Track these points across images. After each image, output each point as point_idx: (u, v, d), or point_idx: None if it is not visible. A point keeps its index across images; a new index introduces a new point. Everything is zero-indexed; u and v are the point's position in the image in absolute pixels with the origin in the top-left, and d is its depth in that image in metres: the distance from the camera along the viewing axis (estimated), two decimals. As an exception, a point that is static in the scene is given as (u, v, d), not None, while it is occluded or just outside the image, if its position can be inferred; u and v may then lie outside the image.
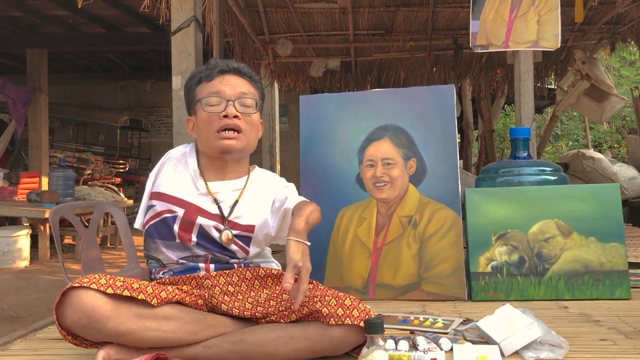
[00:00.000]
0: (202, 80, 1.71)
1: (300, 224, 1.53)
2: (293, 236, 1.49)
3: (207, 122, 1.67)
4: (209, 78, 1.70)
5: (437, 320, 1.83)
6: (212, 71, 1.70)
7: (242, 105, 1.68)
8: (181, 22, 3.52)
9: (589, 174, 5.28)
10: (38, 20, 7.11)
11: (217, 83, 1.69)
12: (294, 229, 1.51)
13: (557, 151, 11.38)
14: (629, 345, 1.57)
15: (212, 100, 1.67)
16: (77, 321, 1.35)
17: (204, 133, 1.69)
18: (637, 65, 11.42)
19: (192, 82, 1.74)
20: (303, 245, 1.49)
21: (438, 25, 5.17)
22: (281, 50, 5.27)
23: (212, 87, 1.69)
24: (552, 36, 2.77)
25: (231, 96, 1.67)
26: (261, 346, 1.48)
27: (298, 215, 1.56)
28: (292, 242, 1.48)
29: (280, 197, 1.72)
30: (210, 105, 1.67)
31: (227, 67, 1.71)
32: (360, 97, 2.52)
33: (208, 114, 1.67)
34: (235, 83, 1.70)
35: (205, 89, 1.69)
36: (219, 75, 1.69)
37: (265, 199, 1.73)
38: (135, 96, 10.38)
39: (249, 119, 1.70)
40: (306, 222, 1.55)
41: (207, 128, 1.67)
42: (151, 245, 1.69)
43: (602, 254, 2.17)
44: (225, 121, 1.65)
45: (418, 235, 2.29)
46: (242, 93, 1.69)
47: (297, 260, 1.44)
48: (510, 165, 2.50)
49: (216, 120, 1.66)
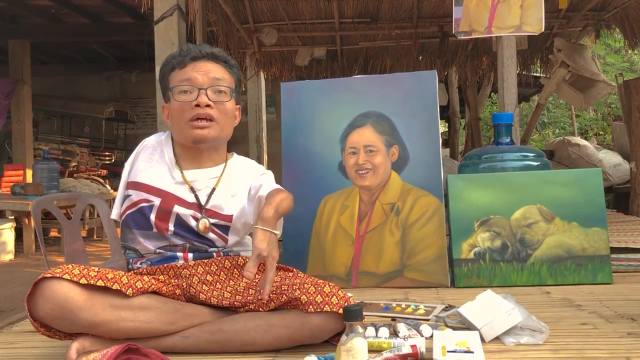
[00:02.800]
0: (174, 67, 1.67)
1: (269, 212, 1.48)
2: (260, 224, 1.45)
3: (179, 112, 1.64)
4: (181, 65, 1.65)
5: (419, 307, 1.83)
6: (185, 58, 1.65)
7: (215, 92, 1.64)
8: (164, 11, 3.47)
9: (574, 161, 5.29)
10: (20, 11, 7.00)
11: (189, 70, 1.64)
12: (262, 217, 1.47)
13: (543, 139, 11.42)
14: (609, 329, 1.58)
15: (184, 88, 1.63)
16: (50, 312, 1.32)
17: (176, 122, 1.66)
18: (622, 52, 11.46)
19: (165, 69, 1.70)
20: (270, 234, 1.44)
21: (424, 13, 5.15)
22: (266, 39, 5.22)
23: (184, 75, 1.64)
24: (536, 20, 2.75)
25: (203, 84, 1.63)
26: (240, 335, 1.47)
27: (267, 203, 1.52)
28: (259, 231, 1.44)
29: (256, 185, 1.69)
30: (182, 93, 1.63)
31: (199, 53, 1.66)
32: (342, 84, 2.50)
33: (180, 103, 1.63)
34: (208, 69, 1.65)
35: (178, 77, 1.65)
36: (191, 62, 1.64)
37: (243, 187, 1.70)
38: (120, 87, 10.27)
39: (222, 107, 1.65)
40: (275, 211, 1.50)
41: (180, 117, 1.64)
42: (128, 235, 1.67)
43: (585, 239, 2.17)
44: (197, 110, 1.61)
45: (401, 223, 2.28)
46: (215, 80, 1.64)
47: (261, 249, 1.40)
48: (493, 151, 2.49)
49: (188, 109, 1.62)
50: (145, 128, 10.06)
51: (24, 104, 7.78)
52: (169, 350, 1.45)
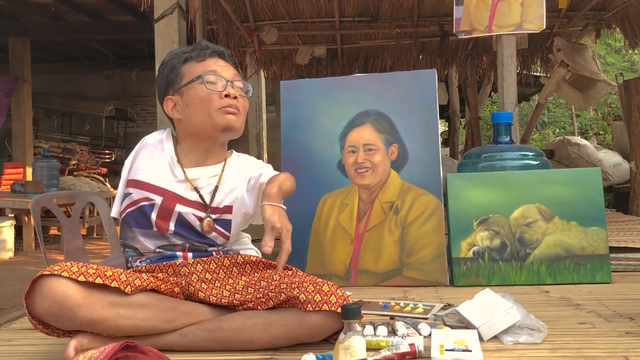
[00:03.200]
0: (190, 59, 1.67)
1: (273, 189, 1.54)
2: (266, 201, 1.50)
3: (207, 100, 1.63)
4: (201, 58, 1.67)
5: (417, 305, 1.83)
6: (205, 52, 1.68)
7: (237, 87, 1.68)
8: (164, 9, 3.47)
9: (574, 161, 5.29)
10: (20, 9, 7.00)
11: (211, 64, 1.66)
12: (267, 194, 1.52)
13: (544, 138, 11.42)
14: (607, 328, 1.57)
15: (212, 78, 1.64)
16: (48, 310, 1.32)
17: (200, 111, 1.64)
18: (623, 52, 11.46)
19: (175, 61, 1.68)
20: (279, 208, 1.49)
21: (424, 12, 5.14)
22: (266, 37, 5.22)
23: (207, 66, 1.66)
24: (537, 18, 2.75)
25: (228, 77, 1.67)
26: (238, 333, 1.46)
27: (270, 182, 1.58)
28: (267, 206, 1.48)
29: (255, 175, 1.71)
30: (210, 83, 1.64)
31: (219, 50, 1.71)
32: (342, 82, 2.50)
33: (209, 91, 1.63)
34: (227, 66, 1.70)
35: (199, 68, 1.66)
36: (212, 56, 1.68)
37: (242, 180, 1.72)
38: (120, 85, 10.27)
39: (243, 102, 1.69)
40: (279, 188, 1.56)
41: (206, 105, 1.63)
42: (128, 233, 1.66)
43: (584, 238, 2.17)
44: (227, 100, 1.63)
45: (400, 221, 2.28)
46: (235, 75, 1.70)
47: (273, 221, 1.44)
48: (492, 150, 2.48)
49: (217, 99, 1.63)
50: (145, 126, 10.06)
51: (24, 102, 7.79)
52: (167, 348, 1.45)
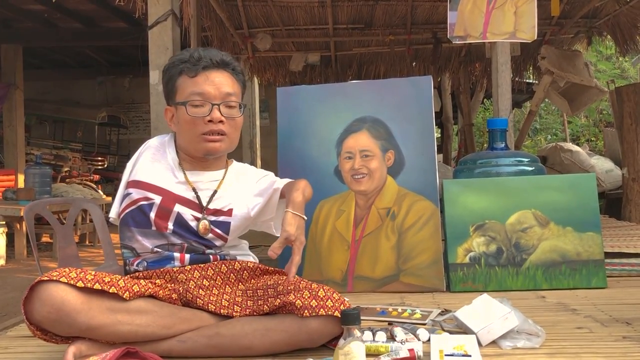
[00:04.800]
0: (183, 72, 1.64)
1: (298, 197, 1.58)
2: (291, 208, 1.54)
3: (191, 124, 1.62)
4: (193, 73, 1.62)
5: (415, 311, 1.83)
6: (197, 66, 1.62)
7: (226, 107, 1.63)
8: (158, 15, 3.46)
9: (567, 167, 5.32)
10: (12, 15, 6.97)
11: (201, 82, 1.61)
12: (292, 201, 1.56)
13: (536, 145, 11.49)
14: (604, 333, 1.59)
15: (197, 102, 1.61)
16: (47, 315, 1.32)
17: (186, 133, 1.65)
18: (613, 59, 11.56)
19: (173, 71, 1.66)
20: (300, 219, 1.54)
21: (417, 19, 5.17)
22: (260, 44, 5.23)
23: (196, 86, 1.62)
24: (529, 28, 2.78)
25: (216, 98, 1.62)
26: (237, 340, 1.46)
27: (295, 189, 1.61)
28: (289, 214, 1.53)
29: (265, 181, 1.75)
30: (195, 107, 1.62)
31: (210, 62, 1.63)
32: (338, 89, 2.50)
33: (192, 117, 1.61)
34: (220, 81, 1.63)
35: (189, 87, 1.62)
36: (203, 71, 1.62)
37: (244, 187, 1.73)
38: (113, 92, 10.25)
39: (232, 122, 1.65)
40: (303, 196, 1.60)
41: (191, 130, 1.63)
42: (126, 233, 1.66)
43: (579, 243, 2.18)
44: (210, 126, 1.61)
45: (396, 227, 2.29)
46: (227, 94, 1.64)
47: (290, 232, 1.49)
48: (488, 156, 2.50)
49: (200, 123, 1.61)
50: (138, 133, 10.04)
51: (16, 109, 7.75)
52: (166, 355, 1.44)
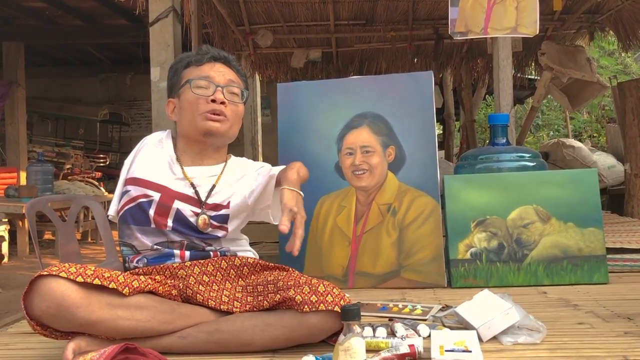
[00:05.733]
0: (190, 64, 1.73)
1: (293, 175, 1.60)
2: (286, 185, 1.56)
3: (194, 104, 1.68)
4: (199, 62, 1.72)
5: (416, 307, 1.82)
6: (204, 56, 1.72)
7: (229, 92, 1.71)
8: (159, 12, 3.47)
9: (569, 163, 5.31)
10: (14, 13, 6.97)
11: (207, 69, 1.71)
12: (287, 178, 1.58)
13: (538, 141, 11.46)
14: (605, 328, 1.58)
15: (202, 83, 1.69)
16: (46, 310, 1.32)
17: (188, 114, 1.69)
18: (616, 55, 11.52)
19: (179, 65, 1.75)
20: (297, 194, 1.55)
21: (419, 15, 5.16)
22: (262, 41, 5.22)
23: (202, 72, 1.70)
24: (531, 23, 2.76)
25: (220, 82, 1.70)
26: (237, 335, 1.46)
27: (289, 168, 1.63)
28: (286, 191, 1.54)
29: (262, 171, 1.75)
30: (199, 88, 1.68)
31: (218, 54, 1.74)
32: (339, 85, 2.50)
33: (196, 95, 1.68)
34: (224, 71, 1.73)
35: (195, 72, 1.71)
36: (210, 61, 1.72)
37: (241, 179, 1.74)
38: (115, 89, 10.25)
39: (234, 107, 1.71)
40: (298, 175, 1.61)
41: (193, 109, 1.68)
42: (126, 231, 1.66)
43: (581, 239, 2.17)
44: (212, 105, 1.67)
45: (397, 223, 2.28)
46: (230, 81, 1.72)
47: (291, 205, 1.50)
48: (489, 151, 2.49)
49: (203, 103, 1.67)
50: (140, 130, 10.04)
51: (17, 106, 7.75)
52: (166, 351, 1.44)
